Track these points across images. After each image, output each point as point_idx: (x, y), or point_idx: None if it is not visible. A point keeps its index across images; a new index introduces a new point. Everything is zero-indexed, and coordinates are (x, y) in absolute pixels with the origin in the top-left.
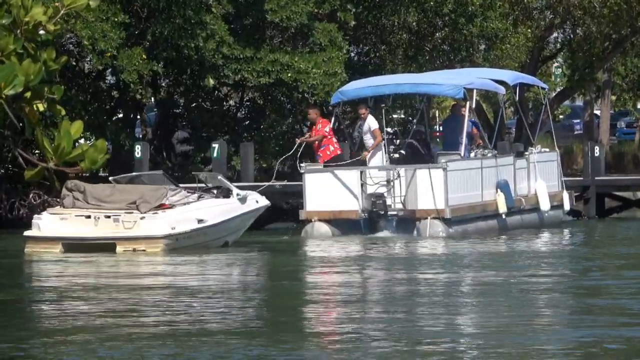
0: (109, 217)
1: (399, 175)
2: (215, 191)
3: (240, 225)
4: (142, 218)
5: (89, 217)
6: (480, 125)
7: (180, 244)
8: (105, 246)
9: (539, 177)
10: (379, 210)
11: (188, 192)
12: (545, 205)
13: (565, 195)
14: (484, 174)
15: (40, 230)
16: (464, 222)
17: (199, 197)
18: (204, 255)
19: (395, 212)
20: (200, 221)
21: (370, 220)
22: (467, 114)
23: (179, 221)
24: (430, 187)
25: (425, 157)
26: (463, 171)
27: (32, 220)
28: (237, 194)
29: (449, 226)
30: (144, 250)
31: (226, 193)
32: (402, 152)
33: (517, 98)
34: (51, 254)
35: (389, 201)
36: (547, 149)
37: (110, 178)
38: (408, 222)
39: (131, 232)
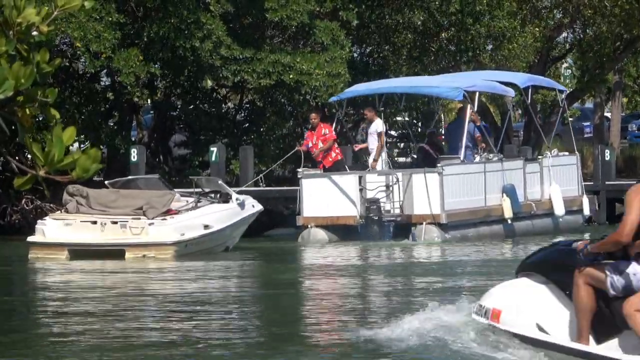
0: (115, 222)
1: (397, 180)
2: (212, 195)
3: (240, 230)
4: (150, 224)
5: (94, 222)
6: (489, 129)
7: (188, 250)
8: (114, 252)
9: (554, 182)
10: (372, 215)
11: (182, 197)
12: (559, 210)
13: (585, 200)
14: (488, 178)
15: (45, 235)
16: (463, 227)
17: (197, 202)
18: (214, 261)
19: (393, 218)
20: (206, 227)
21: (367, 226)
22: (467, 116)
23: (187, 227)
24: (426, 192)
25: (437, 161)
26: (462, 175)
27: (36, 226)
28: (237, 199)
29: (445, 231)
30: (153, 257)
31: (225, 198)
32: (414, 155)
33: (528, 101)
34: (57, 260)
35: (387, 206)
36: (567, 152)
37: (106, 182)
38: (405, 227)
39: (140, 239)
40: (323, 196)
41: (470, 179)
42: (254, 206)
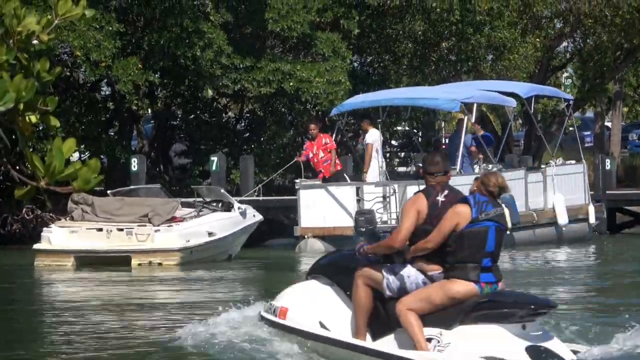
0: (121, 230)
1: (394, 191)
2: (214, 204)
3: (242, 238)
4: (156, 231)
5: (100, 230)
6: (492, 138)
7: (193, 257)
8: (120, 259)
9: (557, 191)
10: (359, 227)
11: (182, 207)
12: (562, 219)
13: (591, 209)
14: None
15: (51, 243)
16: None
17: (199, 211)
18: (216, 270)
19: (389, 229)
20: (210, 234)
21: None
22: (463, 127)
23: (192, 234)
24: None
25: None
26: (456, 187)
27: (42, 233)
28: (239, 208)
29: None
30: (160, 264)
31: (227, 207)
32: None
33: (531, 111)
34: (63, 267)
35: (384, 217)
36: (574, 161)
37: (108, 192)
38: None
39: (146, 245)
40: (320, 207)
41: (465, 190)
42: (254, 215)
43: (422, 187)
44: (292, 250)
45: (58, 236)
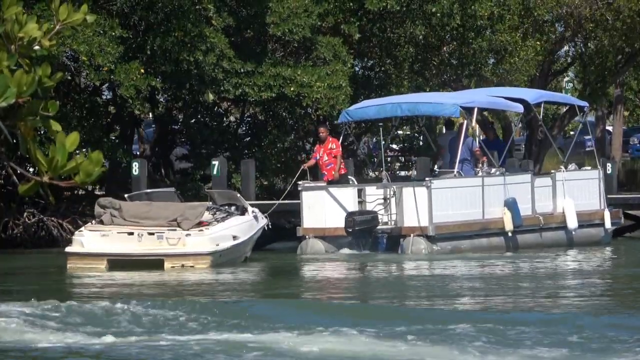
0: (152, 233)
1: (394, 193)
2: (226, 208)
3: (255, 241)
4: (187, 235)
5: (131, 233)
6: (501, 144)
7: (221, 260)
8: (152, 262)
9: (567, 195)
10: (347, 227)
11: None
12: (572, 223)
13: (607, 213)
14: (487, 192)
15: (84, 246)
16: (454, 239)
17: (214, 214)
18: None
19: (389, 230)
20: (234, 237)
21: (356, 238)
22: (463, 131)
23: (220, 238)
24: (415, 205)
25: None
26: (454, 189)
27: (73, 237)
28: (253, 212)
29: (433, 243)
30: (192, 266)
31: (242, 210)
32: (436, 170)
33: (540, 117)
34: (96, 270)
35: (385, 218)
36: (589, 167)
37: (126, 195)
38: (397, 239)
39: (178, 249)
40: (322, 208)
41: (464, 193)
42: (262, 218)
43: (418, 188)
44: (294, 252)
45: (90, 239)
